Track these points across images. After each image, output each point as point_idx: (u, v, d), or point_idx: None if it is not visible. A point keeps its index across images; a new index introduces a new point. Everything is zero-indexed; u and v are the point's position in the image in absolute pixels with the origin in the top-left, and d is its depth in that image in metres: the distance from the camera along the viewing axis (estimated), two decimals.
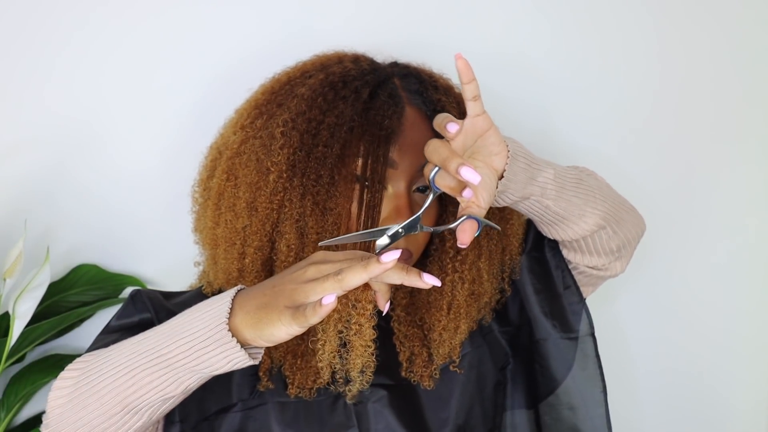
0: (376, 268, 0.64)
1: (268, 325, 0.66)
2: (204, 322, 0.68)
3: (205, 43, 1.09)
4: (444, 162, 0.67)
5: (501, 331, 0.94)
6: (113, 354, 0.71)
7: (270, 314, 0.66)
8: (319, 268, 0.68)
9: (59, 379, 0.73)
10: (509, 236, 0.93)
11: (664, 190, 1.25)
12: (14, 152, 1.07)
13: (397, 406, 0.84)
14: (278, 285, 0.68)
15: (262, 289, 0.69)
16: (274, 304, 0.66)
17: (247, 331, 0.67)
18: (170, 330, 0.69)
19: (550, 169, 0.79)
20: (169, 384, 0.69)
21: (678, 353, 1.31)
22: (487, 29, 1.17)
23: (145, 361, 0.69)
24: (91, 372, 0.71)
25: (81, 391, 0.71)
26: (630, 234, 0.92)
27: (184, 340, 0.68)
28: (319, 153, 0.79)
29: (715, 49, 1.23)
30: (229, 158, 0.84)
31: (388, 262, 0.64)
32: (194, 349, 0.67)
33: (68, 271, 1.11)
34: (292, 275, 0.68)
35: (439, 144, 0.69)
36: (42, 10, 1.05)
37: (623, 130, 1.23)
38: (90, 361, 0.73)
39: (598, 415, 0.91)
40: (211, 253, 0.86)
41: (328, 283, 0.65)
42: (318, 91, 0.81)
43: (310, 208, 0.78)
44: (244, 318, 0.67)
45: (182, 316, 0.70)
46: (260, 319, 0.66)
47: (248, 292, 0.70)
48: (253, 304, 0.68)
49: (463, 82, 0.69)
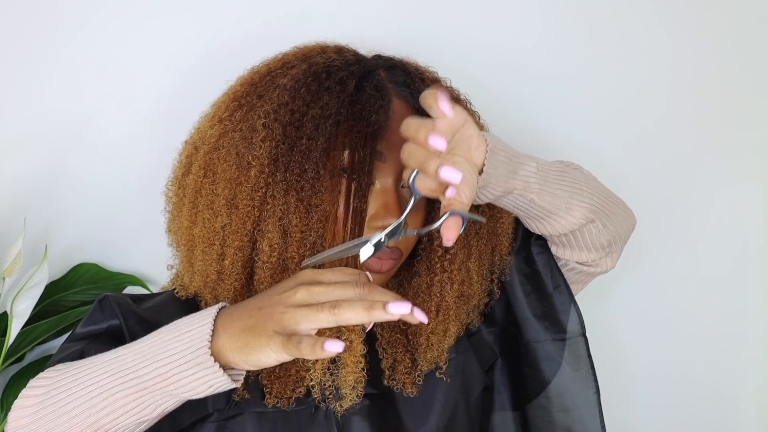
0: (380, 316, 0.63)
1: (255, 350, 0.63)
2: (184, 344, 0.64)
3: (204, 42, 1.07)
4: (422, 165, 0.64)
5: (487, 331, 0.92)
6: (83, 371, 0.67)
7: (258, 339, 0.63)
8: (310, 291, 0.65)
9: (21, 397, 0.68)
10: (499, 235, 0.90)
11: (659, 187, 1.24)
12: (14, 149, 1.05)
13: (379, 416, 0.80)
14: (265, 307, 0.65)
15: (247, 309, 0.66)
16: (262, 328, 0.63)
17: (231, 354, 0.64)
18: (147, 349, 0.65)
19: (532, 162, 0.77)
20: (145, 407, 0.65)
21: (672, 353, 1.30)
22: (480, 23, 1.14)
23: (119, 383, 0.65)
24: (58, 390, 0.66)
25: (47, 411, 0.66)
26: (620, 228, 0.89)
27: (162, 362, 0.64)
28: (303, 146, 0.74)
29: (720, 47, 1.22)
30: (206, 153, 0.79)
31: (395, 314, 0.63)
32: (173, 372, 0.63)
33: (68, 270, 1.10)
34: (279, 296, 0.65)
35: (414, 147, 0.66)
36: (42, 7, 1.03)
37: (621, 129, 1.21)
38: (56, 377, 0.68)
39: (592, 416, 0.88)
40: (187, 254, 0.81)
41: (322, 315, 0.63)
42: (301, 82, 0.77)
43: (294, 204, 0.74)
44: (228, 340, 0.64)
45: (160, 335, 0.66)
46: (247, 343, 0.63)
47: (232, 312, 0.66)
48: (238, 326, 0.64)
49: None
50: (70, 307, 1.09)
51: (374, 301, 0.63)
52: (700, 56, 1.21)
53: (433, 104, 0.66)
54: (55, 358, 0.74)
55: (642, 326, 1.29)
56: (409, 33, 1.10)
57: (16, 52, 1.03)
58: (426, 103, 0.67)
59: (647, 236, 1.18)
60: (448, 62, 0.95)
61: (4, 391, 1.05)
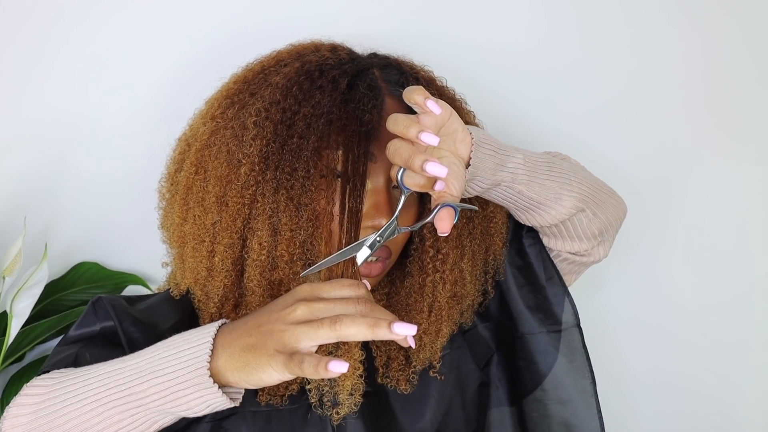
0: (384, 335, 0.62)
1: (256, 369, 0.63)
2: (182, 362, 0.64)
3: (203, 39, 1.07)
4: (407, 162, 0.64)
5: (482, 326, 0.91)
6: (79, 383, 0.67)
7: (259, 358, 0.63)
8: (311, 307, 0.64)
9: (16, 405, 0.67)
10: (492, 235, 0.89)
11: (653, 176, 1.23)
12: (14, 148, 1.05)
13: (373, 414, 0.80)
14: (265, 324, 0.65)
15: (247, 328, 0.65)
16: (263, 347, 0.63)
17: (231, 374, 0.63)
18: (145, 365, 0.65)
19: (519, 154, 0.77)
20: (141, 423, 0.65)
21: (668, 343, 1.29)
22: (478, 21, 1.13)
23: (116, 398, 0.65)
24: (54, 401, 0.66)
25: (41, 422, 0.66)
26: (611, 216, 0.89)
27: (159, 380, 0.64)
28: (294, 145, 0.74)
29: (715, 40, 1.20)
30: (198, 150, 0.79)
31: (400, 335, 0.62)
32: (170, 390, 0.63)
33: (68, 269, 1.10)
34: (279, 313, 0.65)
35: (399, 144, 0.66)
36: (42, 4, 1.03)
37: (615, 119, 1.20)
38: (51, 386, 0.67)
39: (589, 407, 0.88)
40: (179, 251, 0.81)
41: (323, 331, 0.62)
42: (293, 80, 0.77)
43: (283, 203, 0.74)
44: (228, 360, 0.63)
45: (158, 351, 0.66)
46: (247, 363, 0.63)
47: (231, 331, 0.66)
48: (238, 345, 0.64)
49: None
50: (70, 307, 1.09)
51: (379, 319, 0.62)
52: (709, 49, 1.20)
53: (419, 101, 0.66)
54: (48, 362, 0.74)
55: (636, 318, 1.28)
56: (411, 33, 1.09)
57: (14, 50, 1.03)
58: (410, 99, 0.68)
59: (640, 227, 1.19)
60: (446, 61, 0.95)
61: (4, 390, 1.05)
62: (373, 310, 0.65)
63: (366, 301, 0.66)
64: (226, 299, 0.77)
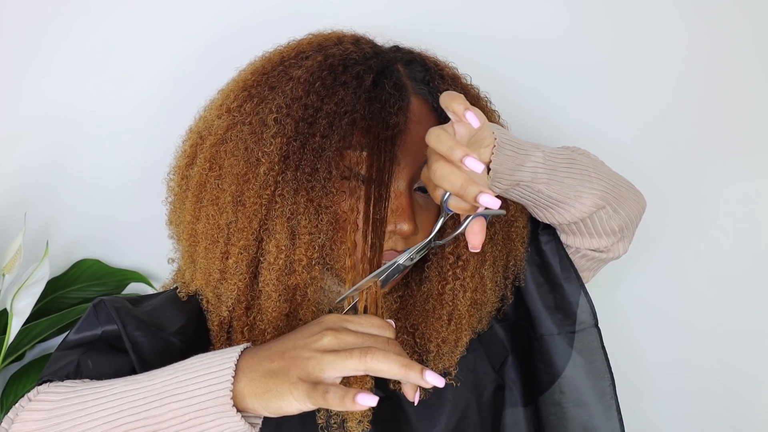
0: (415, 378, 0.60)
1: (276, 397, 0.60)
2: (203, 388, 0.61)
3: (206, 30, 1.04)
4: (460, 191, 0.61)
5: (498, 325, 0.89)
6: (90, 401, 0.63)
7: (280, 385, 0.60)
8: (338, 337, 0.62)
9: (20, 420, 0.63)
10: (514, 240, 0.87)
11: (671, 171, 1.20)
12: (14, 144, 1.03)
13: (386, 421, 0.78)
14: (289, 351, 0.62)
15: (270, 353, 0.62)
16: (286, 374, 0.60)
17: (251, 400, 0.60)
18: (163, 388, 0.62)
19: (539, 152, 0.74)
20: None
21: (687, 340, 1.27)
22: (499, 12, 1.10)
23: (130, 420, 0.61)
24: (61, 419, 0.62)
25: None
26: (632, 212, 0.87)
27: (178, 405, 0.60)
28: (316, 144, 0.71)
29: (738, 38, 1.17)
30: (212, 145, 0.75)
31: (429, 383, 0.61)
32: (189, 416, 0.60)
33: (69, 267, 1.07)
34: (305, 340, 0.62)
35: (449, 171, 0.62)
36: (40, 1, 1.00)
37: (637, 117, 1.18)
38: (58, 402, 0.64)
39: (608, 409, 0.86)
40: (189, 250, 0.77)
41: (351, 361, 0.60)
42: (316, 75, 0.73)
43: (303, 205, 0.71)
44: (248, 385, 0.61)
45: (176, 373, 0.62)
46: (268, 389, 0.60)
47: (254, 355, 0.63)
48: (259, 371, 0.61)
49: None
50: (71, 304, 1.07)
51: (412, 362, 0.60)
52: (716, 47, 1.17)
53: (458, 111, 0.64)
54: (47, 369, 0.70)
55: (653, 319, 1.26)
56: (422, 20, 1.06)
57: (14, 44, 1.01)
58: (448, 107, 0.66)
59: (658, 226, 1.17)
60: (459, 49, 0.92)
61: (5, 389, 1.04)
62: (400, 354, 0.63)
63: (394, 343, 0.64)
64: (238, 302, 0.74)
